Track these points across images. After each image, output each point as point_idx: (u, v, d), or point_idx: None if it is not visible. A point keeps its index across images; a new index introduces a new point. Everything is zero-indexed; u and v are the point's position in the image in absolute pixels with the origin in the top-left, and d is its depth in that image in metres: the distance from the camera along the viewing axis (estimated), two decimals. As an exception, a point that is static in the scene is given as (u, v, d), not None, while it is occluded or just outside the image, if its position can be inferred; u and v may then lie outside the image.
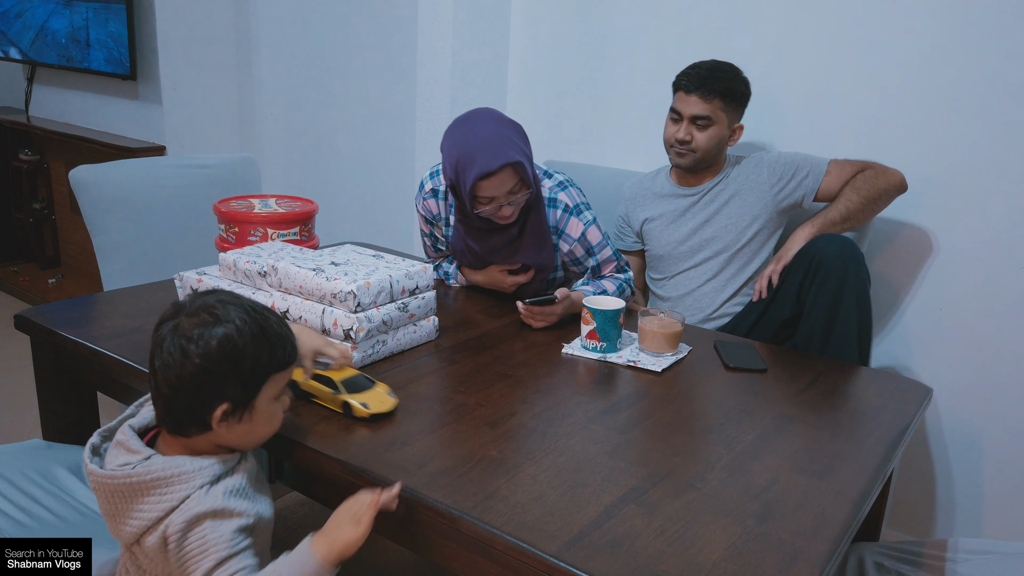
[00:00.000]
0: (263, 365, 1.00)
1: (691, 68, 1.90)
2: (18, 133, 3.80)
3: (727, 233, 1.94)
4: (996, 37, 1.79)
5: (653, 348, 1.54)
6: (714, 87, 1.85)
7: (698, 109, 1.87)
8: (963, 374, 1.96)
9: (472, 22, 2.45)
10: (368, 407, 1.22)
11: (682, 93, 1.90)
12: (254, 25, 3.19)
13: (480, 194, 1.64)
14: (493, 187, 1.62)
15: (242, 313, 1.00)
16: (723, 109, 1.87)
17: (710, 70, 1.87)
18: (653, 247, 2.05)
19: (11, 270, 3.91)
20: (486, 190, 1.63)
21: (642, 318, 1.57)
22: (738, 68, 1.90)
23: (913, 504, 2.08)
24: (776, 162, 1.91)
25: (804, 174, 1.88)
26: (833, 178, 1.87)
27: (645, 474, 1.11)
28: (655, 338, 1.54)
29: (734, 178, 1.96)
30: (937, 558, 1.37)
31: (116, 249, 2.13)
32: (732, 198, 1.94)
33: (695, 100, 1.87)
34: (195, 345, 0.97)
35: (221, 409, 0.98)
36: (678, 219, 2.00)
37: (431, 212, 1.89)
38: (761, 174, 1.92)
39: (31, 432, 1.79)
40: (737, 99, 1.89)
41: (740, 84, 1.89)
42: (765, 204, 1.91)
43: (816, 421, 1.32)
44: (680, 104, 1.90)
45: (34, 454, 1.51)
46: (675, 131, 1.92)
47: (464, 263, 1.91)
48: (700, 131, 1.89)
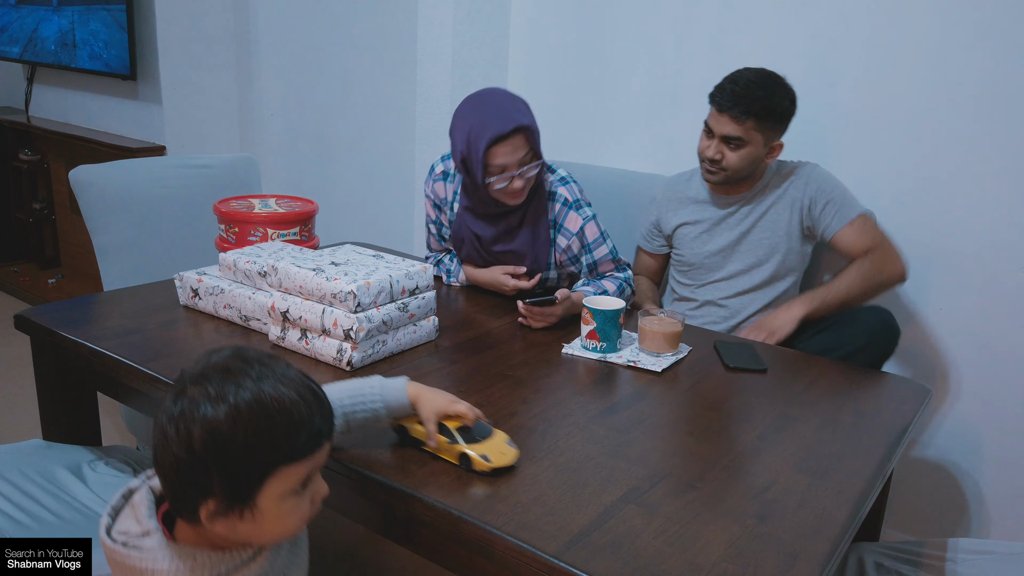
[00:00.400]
0: (260, 459, 0.81)
1: (728, 82, 1.78)
2: (18, 133, 3.81)
3: (760, 248, 1.89)
4: (996, 37, 1.79)
5: (653, 348, 1.54)
6: (748, 107, 1.73)
7: (729, 130, 1.77)
8: (963, 374, 1.96)
9: (472, 22, 2.45)
10: (490, 460, 1.08)
11: (715, 110, 1.80)
12: (254, 25, 3.19)
13: (493, 161, 1.64)
14: (506, 153, 1.63)
15: (250, 390, 0.81)
16: (757, 129, 1.76)
17: (747, 86, 1.75)
18: (684, 254, 1.99)
19: (11, 270, 3.91)
20: (499, 156, 1.63)
21: (642, 318, 1.57)
22: (780, 80, 1.78)
23: (913, 504, 2.08)
24: (823, 182, 1.85)
25: (834, 211, 1.83)
26: (853, 233, 1.82)
27: (645, 474, 1.11)
28: (655, 338, 1.54)
29: (773, 188, 1.88)
30: (937, 558, 1.37)
31: (116, 249, 2.13)
32: (769, 211, 1.88)
33: (727, 120, 1.77)
34: (175, 429, 0.80)
35: (206, 508, 0.81)
36: (712, 228, 1.94)
37: (439, 196, 1.89)
38: (803, 189, 1.86)
39: (31, 432, 1.78)
40: (775, 118, 1.77)
41: (780, 100, 1.77)
42: (798, 220, 1.86)
43: (816, 421, 1.32)
44: (712, 121, 1.81)
45: (34, 454, 1.50)
46: (706, 147, 1.83)
47: (464, 255, 1.90)
48: (731, 151, 1.79)
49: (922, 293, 1.98)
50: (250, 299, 1.56)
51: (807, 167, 1.89)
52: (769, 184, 1.90)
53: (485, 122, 1.63)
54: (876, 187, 1.99)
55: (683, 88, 2.25)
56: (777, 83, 1.78)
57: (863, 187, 2.00)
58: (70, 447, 1.57)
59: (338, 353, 1.40)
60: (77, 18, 3.38)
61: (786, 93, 1.79)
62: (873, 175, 1.99)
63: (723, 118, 1.77)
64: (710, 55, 2.19)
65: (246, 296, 1.56)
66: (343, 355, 1.40)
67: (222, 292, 1.60)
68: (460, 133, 1.67)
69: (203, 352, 0.86)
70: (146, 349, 1.45)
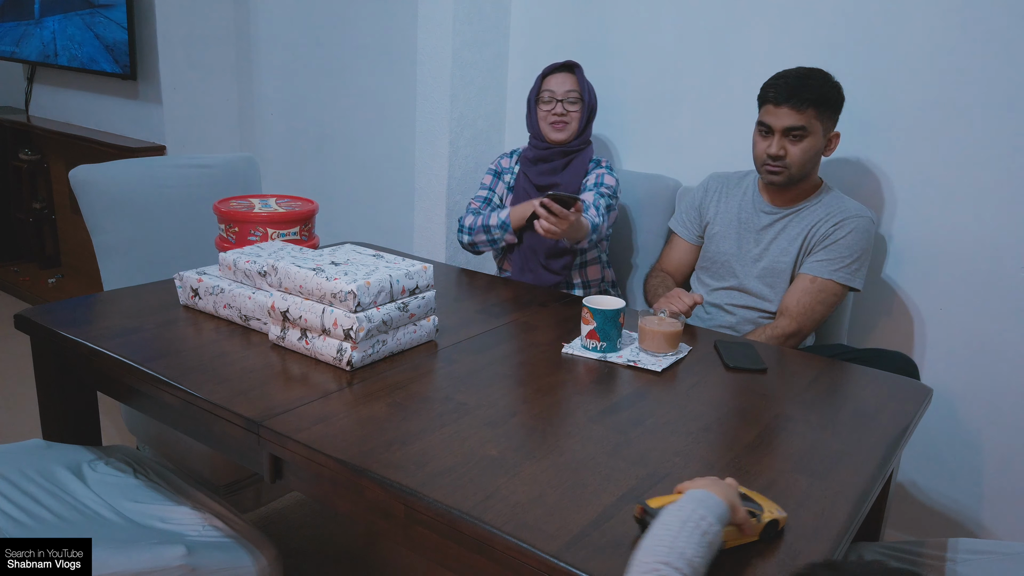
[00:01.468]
0: None
1: (777, 79, 1.77)
2: (18, 133, 3.81)
3: (784, 266, 1.85)
4: (996, 37, 1.79)
5: (653, 348, 1.54)
6: (806, 95, 1.72)
7: (791, 120, 1.73)
8: (963, 374, 1.96)
9: (472, 22, 2.45)
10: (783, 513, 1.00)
11: (771, 106, 1.76)
12: (254, 25, 3.19)
13: (546, 87, 2.10)
14: (557, 82, 2.09)
15: None
16: (817, 118, 1.74)
17: (799, 78, 1.74)
18: (710, 250, 1.96)
19: (11, 270, 3.91)
20: (550, 83, 2.10)
21: (642, 318, 1.57)
22: (827, 73, 1.78)
23: (913, 504, 2.08)
24: (849, 231, 1.78)
25: (823, 256, 1.79)
26: (803, 288, 1.79)
27: (645, 474, 1.11)
28: (655, 338, 1.54)
29: (818, 213, 1.83)
30: (937, 558, 1.37)
31: (116, 249, 2.13)
32: (804, 234, 1.83)
33: (786, 112, 1.73)
34: None
35: None
36: (748, 234, 1.90)
37: (502, 165, 2.25)
38: (827, 222, 1.80)
39: (31, 432, 1.79)
40: (832, 106, 1.76)
41: (833, 90, 1.76)
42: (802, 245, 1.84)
43: (816, 421, 1.32)
44: (769, 117, 1.77)
45: (34, 454, 1.51)
46: (766, 146, 1.78)
47: (517, 201, 2.15)
48: (794, 144, 1.76)
49: (922, 293, 1.98)
50: (250, 299, 1.56)
51: (856, 209, 1.81)
52: (820, 201, 1.85)
53: (549, 65, 2.15)
54: (876, 187, 1.99)
55: (683, 88, 2.25)
56: (824, 74, 1.78)
57: (863, 187, 2.01)
58: (70, 447, 1.57)
59: (338, 353, 1.40)
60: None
61: (835, 83, 1.78)
62: (873, 175, 1.99)
63: (782, 110, 1.75)
64: (710, 55, 2.19)
65: (246, 296, 1.56)
66: (343, 355, 1.40)
67: (222, 292, 1.60)
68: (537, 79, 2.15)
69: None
70: (146, 349, 1.45)
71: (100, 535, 1.27)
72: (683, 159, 2.28)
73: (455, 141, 2.51)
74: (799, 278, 1.82)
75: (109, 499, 1.42)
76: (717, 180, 2.02)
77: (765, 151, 1.79)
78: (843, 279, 1.79)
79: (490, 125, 2.62)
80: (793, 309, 1.80)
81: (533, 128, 2.15)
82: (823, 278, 1.79)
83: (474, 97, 2.53)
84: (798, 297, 1.80)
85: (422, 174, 2.60)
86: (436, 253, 2.60)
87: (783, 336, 1.78)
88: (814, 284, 1.79)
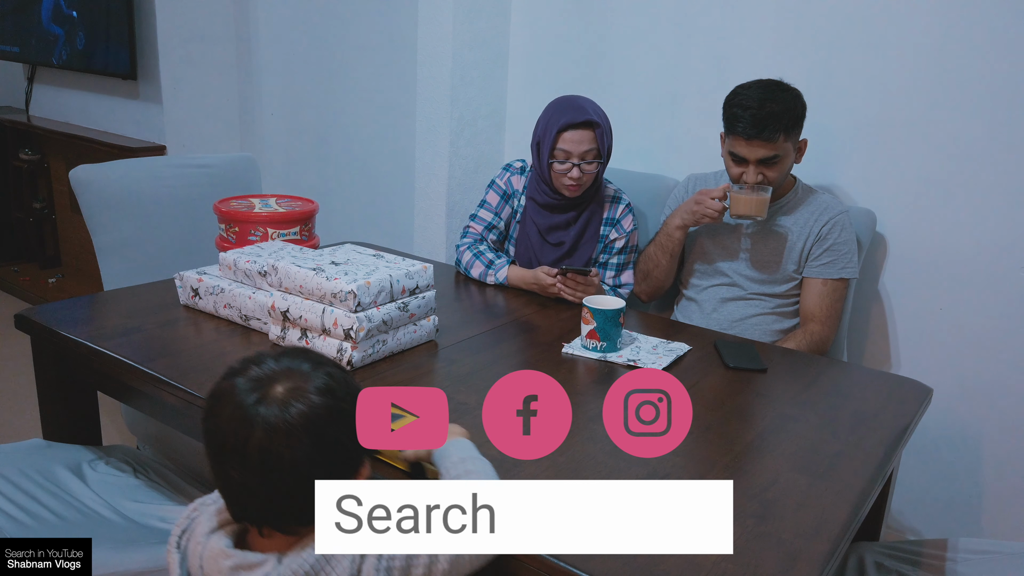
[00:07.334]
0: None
1: (741, 109, 1.73)
2: (18, 133, 3.80)
3: (769, 266, 1.88)
4: (996, 37, 1.79)
5: (752, 212, 1.74)
6: (775, 126, 1.70)
7: (764, 152, 1.73)
8: (963, 374, 1.96)
9: (472, 22, 2.45)
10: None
11: (741, 139, 1.74)
12: (254, 25, 3.19)
13: (560, 145, 1.84)
14: (573, 141, 1.83)
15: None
16: (788, 139, 1.75)
17: (762, 105, 1.70)
18: (694, 251, 1.98)
19: (11, 270, 3.91)
20: (566, 142, 1.84)
21: (731, 191, 1.76)
22: (785, 85, 1.76)
23: (913, 504, 2.08)
24: (841, 228, 1.83)
25: (827, 259, 1.83)
26: (817, 292, 1.84)
27: (645, 474, 1.11)
28: (748, 204, 1.73)
29: (794, 207, 1.88)
30: (937, 558, 1.37)
31: (116, 249, 2.13)
32: (784, 231, 1.87)
33: (759, 145, 1.73)
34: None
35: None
36: (730, 232, 1.93)
37: (512, 186, 2.03)
38: (816, 224, 1.84)
39: (31, 432, 1.79)
40: (799, 122, 1.77)
41: (796, 104, 1.75)
42: (800, 246, 1.86)
43: (816, 421, 1.32)
44: (741, 149, 1.76)
45: (34, 454, 1.51)
46: (740, 173, 1.78)
47: (521, 249, 2.01)
48: (771, 169, 1.76)
49: (922, 293, 1.98)
50: (250, 299, 1.56)
51: (836, 206, 1.86)
52: (792, 200, 1.88)
53: (564, 111, 1.85)
54: (876, 188, 1.99)
55: (683, 88, 2.25)
56: (781, 89, 1.75)
57: (863, 188, 2.01)
58: (70, 447, 1.57)
59: (338, 352, 1.40)
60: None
61: (794, 95, 1.76)
62: (873, 176, 1.99)
63: (754, 144, 1.73)
64: (710, 56, 2.19)
65: (246, 296, 1.56)
66: (343, 354, 1.40)
67: (222, 292, 1.60)
68: (542, 119, 1.90)
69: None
70: (146, 349, 1.45)
71: (100, 535, 1.27)
72: (683, 159, 2.28)
73: (455, 141, 2.51)
74: (811, 283, 1.86)
75: (109, 499, 1.42)
76: (695, 181, 2.05)
77: (744, 178, 1.78)
78: (849, 274, 1.86)
79: (490, 125, 2.62)
80: (821, 314, 1.85)
81: (543, 175, 1.92)
82: (834, 279, 1.85)
83: (474, 97, 2.53)
84: (818, 302, 1.85)
85: (422, 174, 2.60)
86: (436, 253, 2.61)
87: (821, 341, 1.84)
88: (827, 286, 1.85)
